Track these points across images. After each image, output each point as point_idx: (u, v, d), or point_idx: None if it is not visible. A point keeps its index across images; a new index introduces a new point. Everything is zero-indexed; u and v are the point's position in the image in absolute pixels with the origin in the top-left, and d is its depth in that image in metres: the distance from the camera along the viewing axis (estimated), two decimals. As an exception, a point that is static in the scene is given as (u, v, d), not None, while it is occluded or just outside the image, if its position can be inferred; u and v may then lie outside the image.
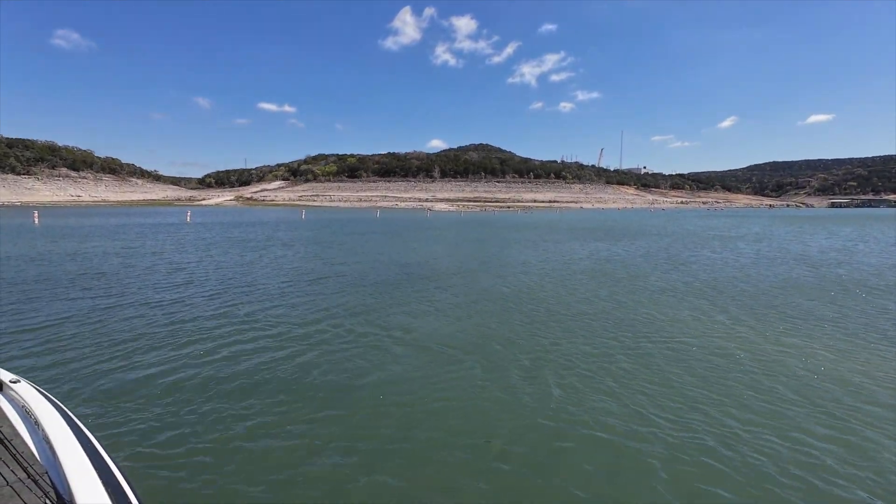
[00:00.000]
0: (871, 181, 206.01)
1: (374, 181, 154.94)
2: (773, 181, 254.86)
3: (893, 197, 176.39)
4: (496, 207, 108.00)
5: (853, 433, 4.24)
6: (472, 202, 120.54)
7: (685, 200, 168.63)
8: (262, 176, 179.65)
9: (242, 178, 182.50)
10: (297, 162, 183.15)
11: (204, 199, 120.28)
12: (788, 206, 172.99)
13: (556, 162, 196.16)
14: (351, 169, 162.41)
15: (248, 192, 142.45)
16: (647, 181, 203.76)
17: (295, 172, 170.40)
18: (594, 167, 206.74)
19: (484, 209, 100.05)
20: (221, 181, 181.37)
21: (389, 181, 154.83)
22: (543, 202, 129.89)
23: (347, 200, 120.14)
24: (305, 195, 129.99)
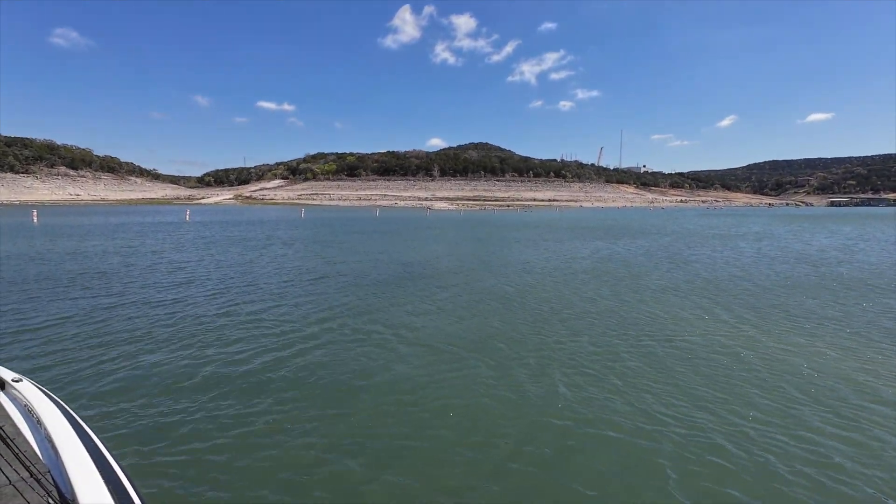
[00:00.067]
0: (870, 180, 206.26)
1: (373, 180, 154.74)
2: (772, 180, 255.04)
3: (892, 196, 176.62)
4: (495, 206, 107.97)
5: (861, 431, 4.23)
6: (471, 201, 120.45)
7: (684, 199, 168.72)
8: (261, 175, 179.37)
9: (241, 176, 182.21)
10: (296, 160, 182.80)
11: (203, 197, 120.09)
12: (788, 204, 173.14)
13: (555, 161, 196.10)
14: (350, 168, 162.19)
15: (247, 190, 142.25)
16: (646, 180, 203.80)
17: (294, 171, 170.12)
18: (594, 166, 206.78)
19: (483, 208, 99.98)
20: (220, 180, 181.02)
21: (389, 180, 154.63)
22: (543, 201, 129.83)
23: (347, 199, 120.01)
24: (305, 194, 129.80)
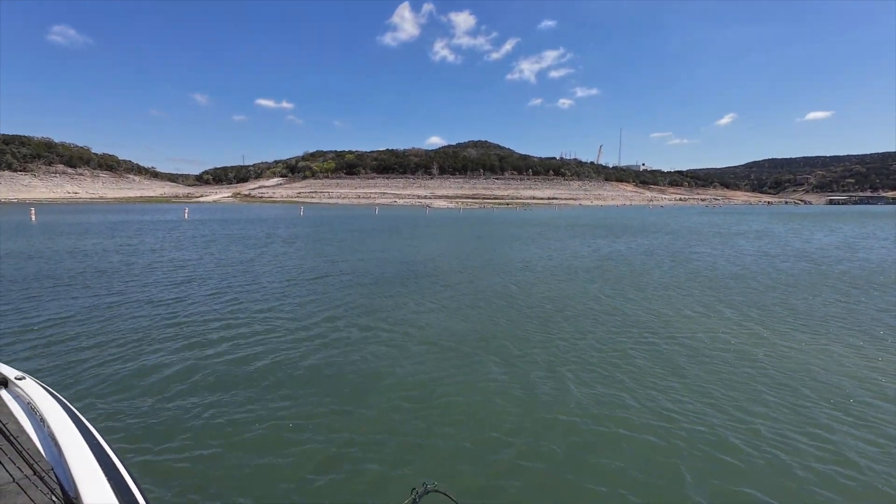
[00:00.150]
0: (869, 178, 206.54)
1: (372, 178, 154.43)
2: (771, 178, 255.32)
3: (891, 194, 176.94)
4: (495, 204, 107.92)
5: (871, 428, 4.20)
6: (470, 199, 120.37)
7: (684, 197, 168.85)
8: (259, 173, 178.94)
9: (240, 174, 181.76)
10: (295, 159, 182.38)
11: (202, 195, 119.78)
12: (787, 203, 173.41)
13: (554, 159, 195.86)
14: (349, 166, 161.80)
15: (245, 188, 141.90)
16: (645, 178, 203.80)
17: (293, 169, 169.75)
18: (593, 164, 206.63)
19: (483, 206, 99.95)
20: (219, 178, 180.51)
21: (388, 178, 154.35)
22: (542, 199, 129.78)
23: (346, 197, 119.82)
24: (304, 192, 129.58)
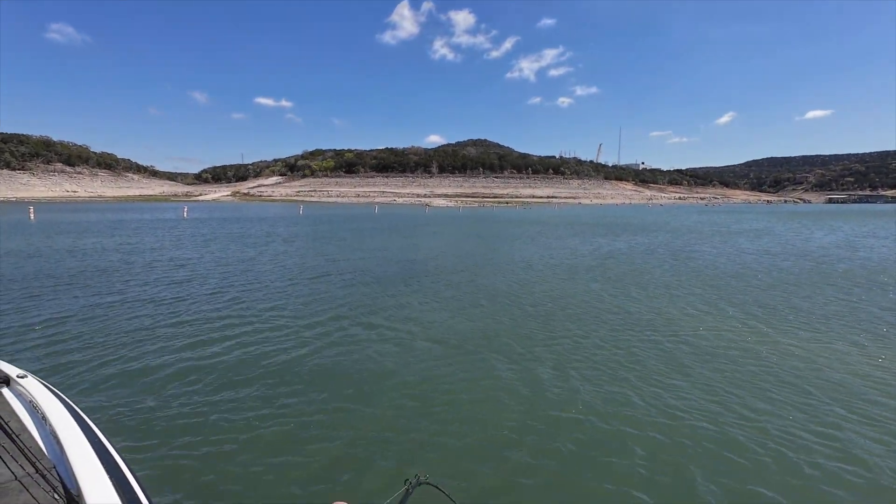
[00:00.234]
0: (868, 177, 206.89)
1: (371, 176, 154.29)
2: (770, 177, 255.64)
3: (891, 192, 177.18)
4: (494, 203, 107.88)
5: (878, 426, 4.18)
6: (470, 198, 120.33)
7: (683, 196, 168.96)
8: (258, 171, 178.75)
9: (239, 173, 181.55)
10: (294, 157, 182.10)
11: (200, 194, 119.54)
12: (786, 201, 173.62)
13: (554, 157, 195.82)
14: (348, 164, 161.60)
15: (244, 187, 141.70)
16: (645, 177, 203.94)
17: (292, 168, 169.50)
18: (592, 163, 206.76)
19: (482, 205, 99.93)
20: (218, 176, 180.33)
21: (387, 177, 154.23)
22: (542, 198, 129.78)
23: (345, 196, 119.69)
24: (303, 190, 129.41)
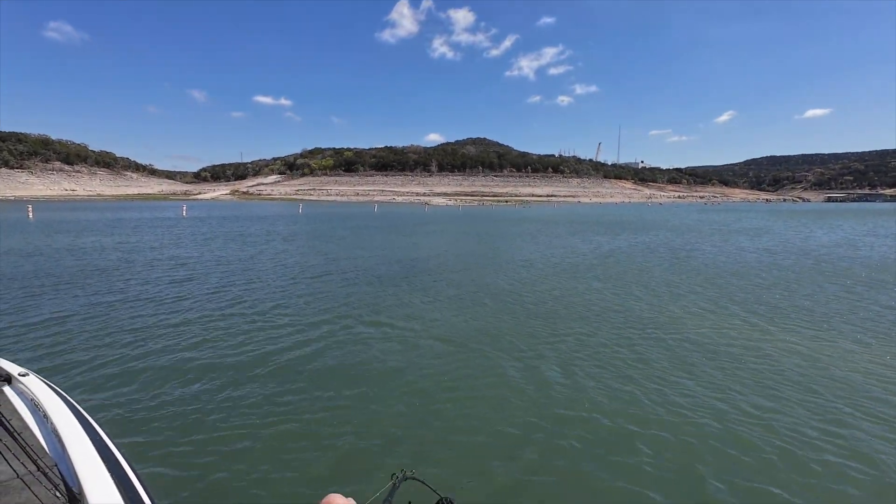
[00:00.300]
0: (867, 176, 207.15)
1: (371, 175, 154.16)
2: (769, 175, 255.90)
3: (889, 191, 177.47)
4: (494, 202, 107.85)
5: (884, 423, 4.19)
6: (469, 196, 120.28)
7: (682, 195, 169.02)
8: (258, 170, 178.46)
9: (238, 171, 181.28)
10: (293, 156, 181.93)
11: (199, 193, 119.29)
12: (785, 200, 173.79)
13: (553, 156, 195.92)
14: (348, 163, 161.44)
15: (244, 186, 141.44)
16: (644, 175, 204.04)
17: (291, 166, 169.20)
18: (592, 161, 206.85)
19: (482, 203, 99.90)
20: (217, 175, 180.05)
21: (387, 175, 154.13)
22: (541, 196, 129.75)
23: (344, 195, 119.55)
24: (302, 189, 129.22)
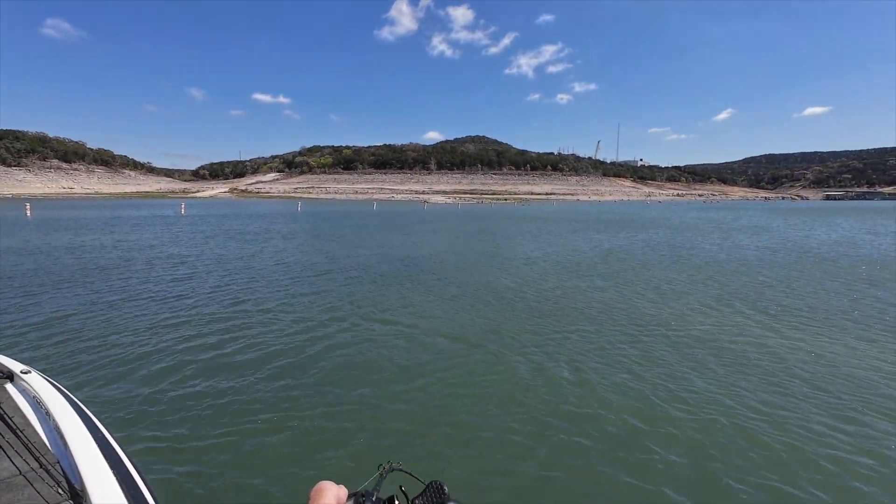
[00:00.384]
0: (865, 174, 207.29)
1: (370, 173, 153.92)
2: (768, 174, 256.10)
3: (888, 190, 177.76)
4: (493, 200, 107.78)
5: (893, 419, 4.23)
6: (468, 194, 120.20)
7: (681, 193, 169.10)
8: (256, 168, 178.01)
9: (237, 169, 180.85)
10: (292, 154, 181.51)
11: (198, 191, 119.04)
12: (784, 198, 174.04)
13: (552, 154, 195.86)
14: (347, 161, 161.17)
15: (242, 183, 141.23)
16: (643, 173, 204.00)
17: (290, 164, 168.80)
18: (591, 159, 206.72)
19: (481, 201, 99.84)
20: (216, 173, 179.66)
21: (385, 173, 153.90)
22: (540, 194, 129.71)
23: (343, 193, 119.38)
24: (301, 187, 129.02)
